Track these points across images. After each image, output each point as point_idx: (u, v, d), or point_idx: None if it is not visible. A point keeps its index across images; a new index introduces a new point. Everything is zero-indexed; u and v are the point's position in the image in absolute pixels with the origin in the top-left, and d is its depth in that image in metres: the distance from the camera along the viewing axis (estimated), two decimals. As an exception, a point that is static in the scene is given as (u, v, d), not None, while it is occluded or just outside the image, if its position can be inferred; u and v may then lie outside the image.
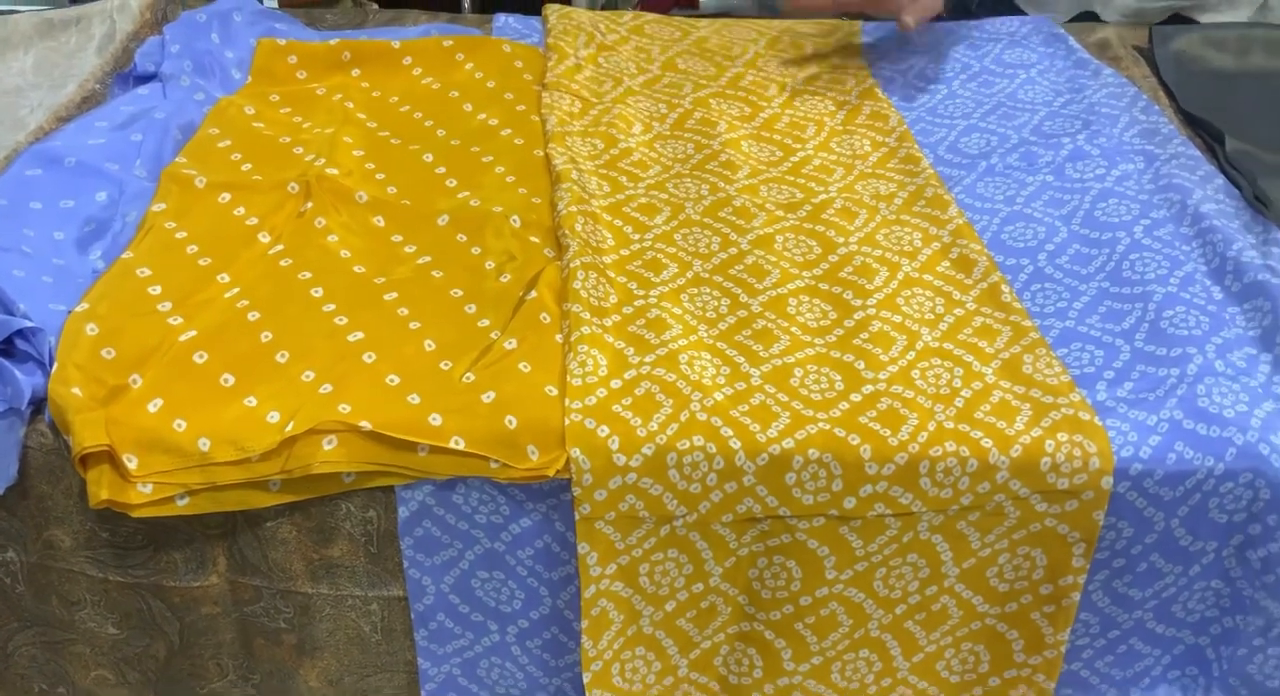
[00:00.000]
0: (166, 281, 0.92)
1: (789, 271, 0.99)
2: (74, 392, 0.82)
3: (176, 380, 0.85)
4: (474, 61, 1.26)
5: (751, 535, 0.87)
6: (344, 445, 0.83)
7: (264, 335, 0.89)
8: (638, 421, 0.84)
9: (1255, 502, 0.84)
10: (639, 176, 1.10)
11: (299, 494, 0.84)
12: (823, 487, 0.84)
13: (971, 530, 0.86)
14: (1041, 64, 1.29)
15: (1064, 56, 1.29)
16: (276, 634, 0.92)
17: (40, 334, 0.85)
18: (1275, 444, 0.83)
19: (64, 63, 1.24)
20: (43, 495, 0.86)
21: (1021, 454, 0.83)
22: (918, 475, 0.83)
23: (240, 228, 1.00)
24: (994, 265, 0.99)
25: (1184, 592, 0.89)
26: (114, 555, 0.88)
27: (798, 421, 0.84)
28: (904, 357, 0.90)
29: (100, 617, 0.92)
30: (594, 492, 0.83)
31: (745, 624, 0.92)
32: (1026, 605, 0.89)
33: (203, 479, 0.82)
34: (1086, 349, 0.91)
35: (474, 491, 0.85)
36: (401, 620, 0.92)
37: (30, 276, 0.90)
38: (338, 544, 0.88)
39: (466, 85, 1.23)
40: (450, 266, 0.98)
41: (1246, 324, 0.92)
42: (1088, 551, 0.86)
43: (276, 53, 1.22)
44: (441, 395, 0.85)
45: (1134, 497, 0.84)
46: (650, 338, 0.90)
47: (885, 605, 0.89)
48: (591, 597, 0.87)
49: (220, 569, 0.89)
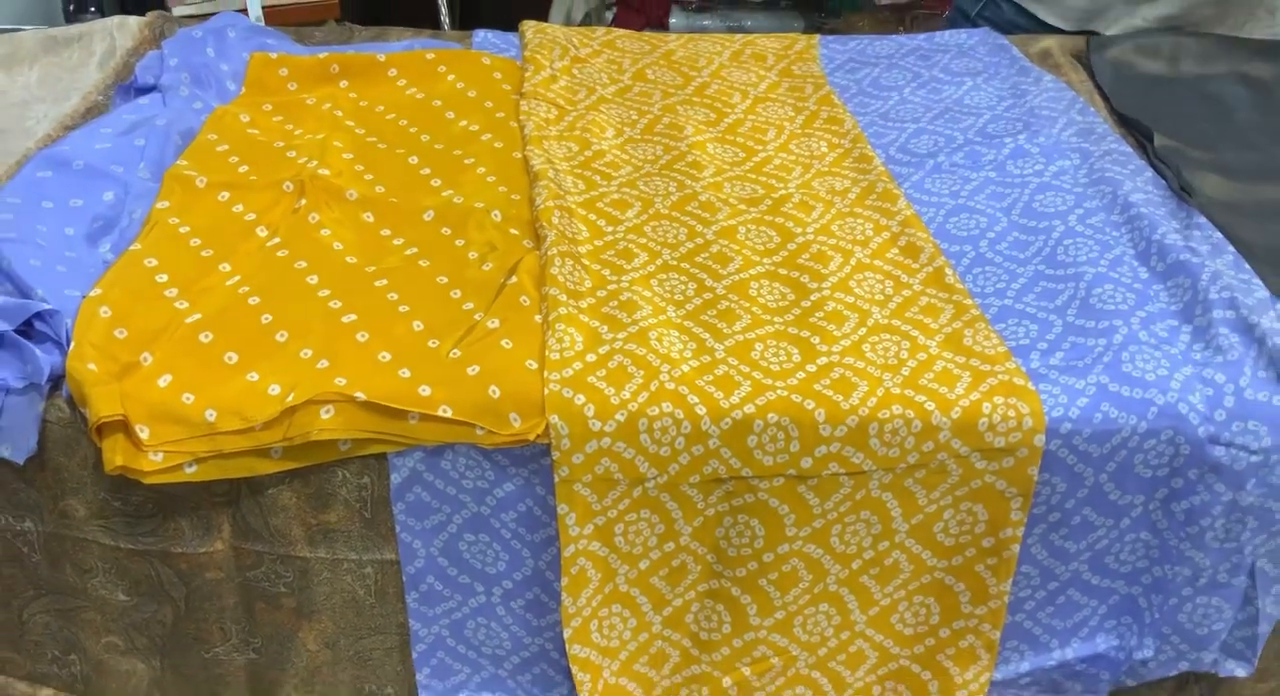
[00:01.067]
0: (172, 270, 0.99)
1: (750, 258, 1.07)
2: (90, 368, 0.89)
3: (184, 358, 0.92)
4: (455, 73, 1.34)
5: (717, 495, 0.94)
6: (340, 414, 0.90)
7: (264, 317, 0.96)
8: (611, 391, 0.91)
9: (1176, 458, 0.92)
10: (611, 176, 1.18)
11: (298, 461, 0.91)
12: (781, 449, 0.91)
13: (918, 487, 0.93)
14: (987, 72, 1.38)
15: (1008, 65, 1.38)
16: (276, 598, 0.99)
17: (58, 316, 0.91)
18: (1193, 404, 0.91)
19: (67, 77, 1.32)
20: (59, 466, 0.92)
21: (961, 415, 0.91)
22: (867, 436, 0.91)
23: (239, 222, 1.07)
24: (939, 251, 1.07)
25: (1116, 544, 0.97)
26: (125, 523, 0.95)
27: (758, 389, 0.92)
28: (856, 333, 0.98)
29: (111, 584, 0.98)
30: (572, 456, 0.91)
31: (714, 581, 0.99)
32: (971, 558, 0.97)
33: (210, 447, 0.89)
34: (1022, 323, 0.99)
35: (461, 457, 0.92)
36: (394, 583, 0.99)
37: (46, 266, 0.96)
38: (334, 509, 0.94)
39: (449, 95, 1.31)
40: (436, 256, 1.05)
41: (1169, 299, 1.01)
42: (1024, 506, 0.94)
43: (269, 65, 1.30)
44: (430, 369, 0.92)
45: (1065, 454, 0.92)
46: (623, 317, 0.98)
47: (842, 560, 0.97)
48: (571, 556, 0.94)
49: (225, 535, 0.95)
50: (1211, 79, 1.33)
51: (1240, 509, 0.94)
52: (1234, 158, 1.19)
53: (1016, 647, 1.02)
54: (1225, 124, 1.26)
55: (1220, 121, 1.26)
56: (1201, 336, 0.97)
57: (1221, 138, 1.23)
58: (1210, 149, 1.20)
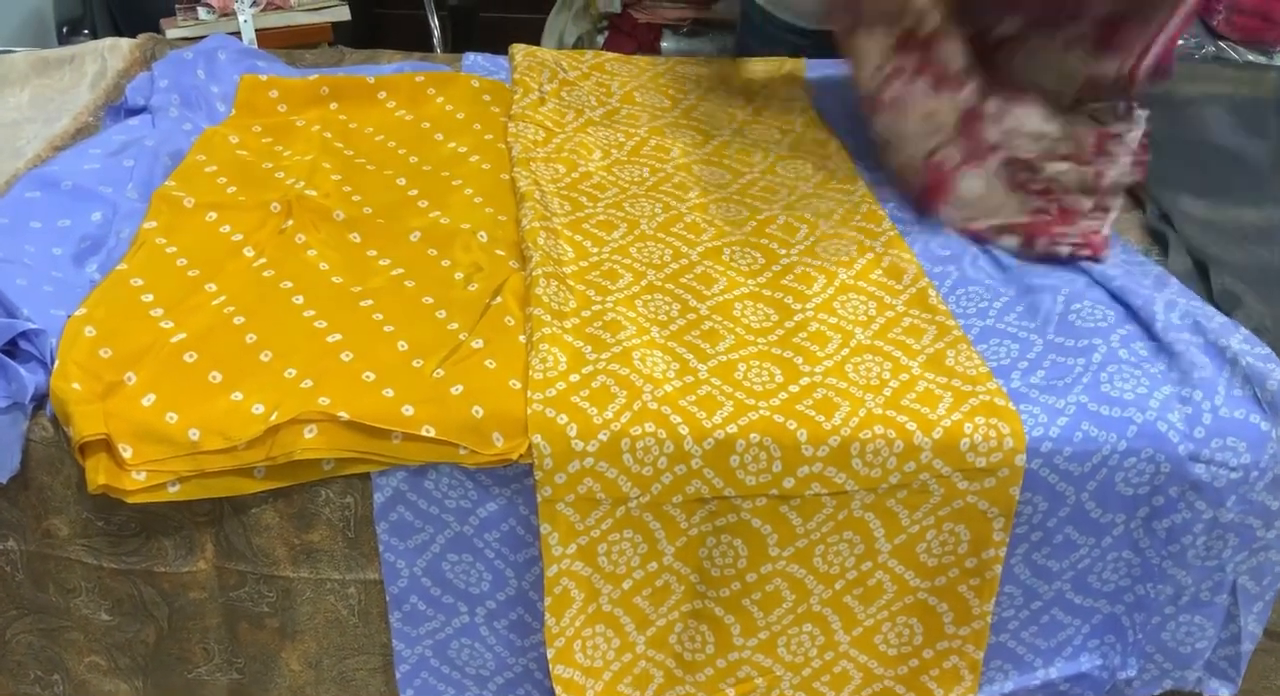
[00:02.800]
0: (158, 290, 1.00)
1: (735, 280, 1.07)
2: (74, 387, 0.89)
3: (168, 377, 0.92)
4: (445, 95, 1.35)
5: (700, 515, 0.94)
6: (324, 434, 0.90)
7: (249, 337, 0.96)
8: (594, 410, 0.91)
9: (1157, 476, 0.93)
10: (598, 197, 1.19)
11: (282, 480, 0.91)
12: (764, 468, 0.92)
13: (900, 507, 0.94)
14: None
15: None
16: (260, 618, 0.99)
17: (42, 335, 0.92)
18: (1172, 422, 0.92)
19: (58, 98, 1.32)
20: (43, 485, 0.92)
21: (943, 435, 0.91)
22: (849, 456, 0.91)
23: (226, 243, 1.08)
24: (922, 272, 1.08)
25: (1098, 563, 0.97)
26: (108, 542, 0.95)
27: (741, 409, 0.92)
28: (838, 353, 0.98)
29: (94, 604, 0.98)
30: (554, 476, 0.91)
31: (697, 601, 0.99)
32: (954, 578, 0.97)
33: (193, 466, 0.89)
34: (1004, 343, 1.00)
35: (444, 477, 0.92)
36: (377, 603, 0.99)
37: (32, 285, 0.97)
38: (318, 529, 0.94)
39: (437, 117, 1.32)
40: (421, 277, 1.06)
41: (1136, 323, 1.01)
42: (1006, 526, 0.94)
43: (258, 87, 1.31)
44: (413, 388, 0.92)
45: (1046, 473, 0.92)
46: (606, 337, 0.98)
47: (825, 580, 0.97)
48: (554, 576, 0.94)
49: (208, 555, 0.96)
50: (1194, 101, 1.34)
51: (1221, 526, 0.94)
52: (1214, 180, 1.20)
53: (1000, 667, 1.02)
54: (1207, 146, 1.27)
55: (1203, 143, 1.27)
56: (1175, 360, 0.97)
57: (1203, 159, 1.24)
58: (1191, 171, 1.21)
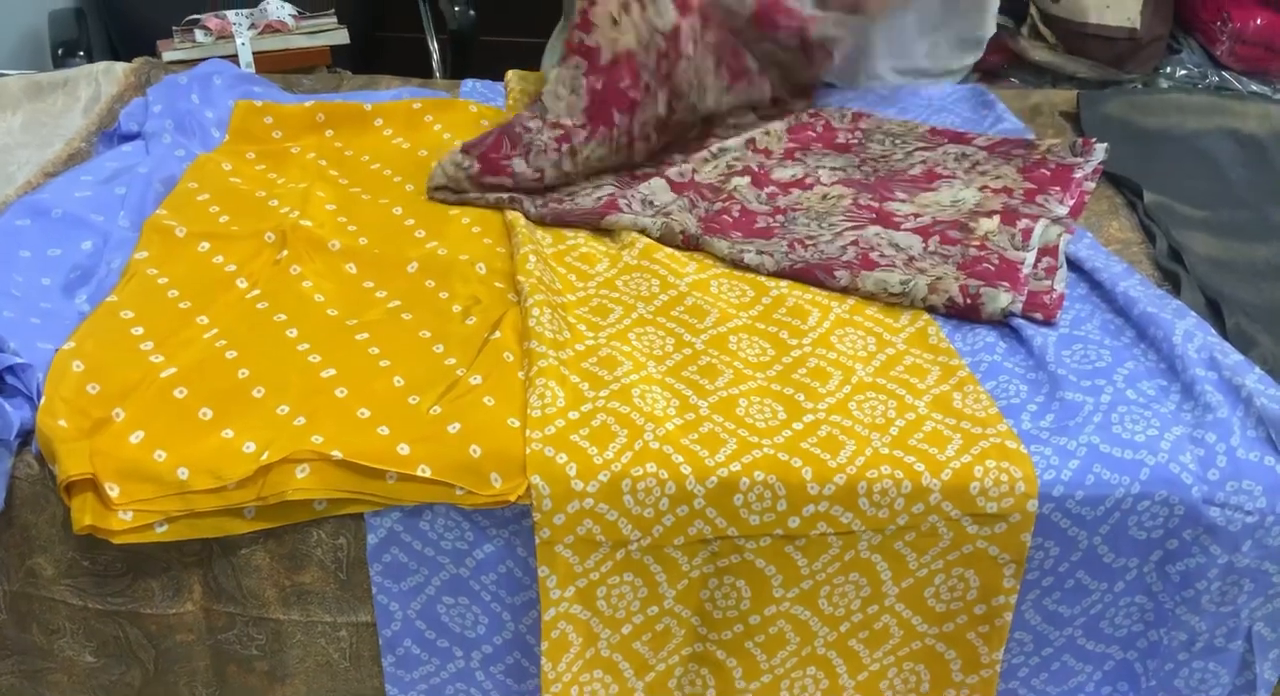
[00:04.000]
0: (149, 323, 0.98)
1: (727, 312, 1.05)
2: (60, 424, 0.87)
3: (157, 413, 0.90)
4: (442, 122, 1.33)
5: (702, 556, 0.92)
6: (316, 473, 0.87)
7: (241, 372, 0.94)
8: (594, 450, 0.89)
9: (1171, 519, 0.90)
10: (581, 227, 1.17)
11: (273, 521, 0.89)
12: (768, 508, 0.89)
13: (908, 550, 0.91)
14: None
15: (990, 122, 1.38)
16: (248, 661, 0.96)
17: (29, 370, 0.89)
18: (1185, 463, 0.90)
19: (51, 122, 1.31)
20: (27, 524, 0.90)
21: (952, 478, 0.89)
22: (856, 496, 0.89)
23: (219, 274, 1.05)
24: (921, 311, 1.06)
25: (1110, 608, 0.95)
26: (94, 583, 0.92)
27: (744, 447, 0.90)
28: (841, 391, 0.96)
29: (79, 646, 0.95)
30: (553, 517, 0.88)
31: (698, 645, 0.96)
32: (962, 625, 0.94)
33: (181, 506, 0.87)
34: (1012, 382, 0.98)
35: (440, 518, 0.90)
36: (370, 647, 0.96)
37: (19, 317, 0.95)
38: (309, 570, 0.92)
39: (434, 145, 1.30)
40: (419, 309, 1.04)
41: (1147, 356, 0.99)
42: (1018, 572, 0.91)
43: (253, 113, 1.29)
44: (409, 426, 0.90)
45: (1058, 518, 0.90)
46: (604, 374, 0.96)
47: (830, 623, 0.94)
48: (551, 619, 0.92)
49: (196, 596, 0.93)
50: (1203, 135, 1.32)
51: (1236, 571, 0.92)
52: (1225, 216, 1.18)
53: (1010, 714, 1.00)
54: (1216, 181, 1.25)
55: (1211, 179, 1.25)
56: (1189, 395, 0.95)
57: (1212, 195, 1.22)
58: (1201, 206, 1.19)
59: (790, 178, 1.25)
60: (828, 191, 1.22)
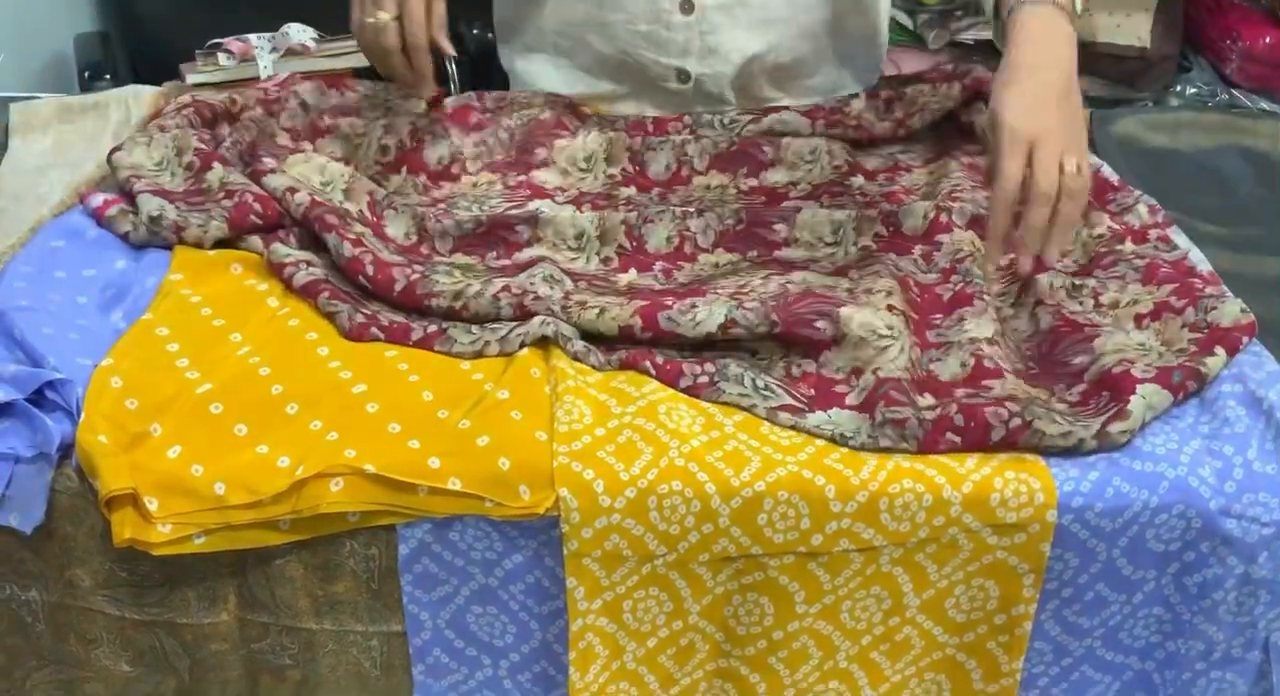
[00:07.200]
0: (184, 340, 1.00)
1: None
2: (100, 440, 0.89)
3: (194, 429, 0.92)
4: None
5: (727, 573, 0.94)
6: (349, 487, 0.90)
7: (274, 388, 0.96)
8: (620, 466, 0.91)
9: (1188, 532, 0.92)
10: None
11: (307, 533, 0.91)
12: (792, 526, 0.91)
13: (929, 562, 0.93)
14: None
15: None
16: (281, 670, 0.98)
17: (69, 385, 0.92)
18: (1203, 477, 0.91)
19: (82, 145, 1.33)
20: (66, 536, 0.92)
21: (972, 490, 0.90)
22: (878, 511, 0.91)
23: (251, 294, 1.08)
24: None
25: (1129, 619, 0.96)
26: (131, 593, 0.94)
27: (768, 464, 0.92)
28: (861, 405, 0.98)
29: (115, 655, 0.97)
30: (581, 530, 0.90)
31: (722, 660, 0.98)
32: (983, 635, 0.96)
33: (218, 520, 0.89)
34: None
35: (470, 528, 0.92)
36: (400, 656, 0.98)
37: (58, 334, 0.97)
38: (342, 580, 0.94)
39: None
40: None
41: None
42: (1037, 582, 0.93)
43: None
44: (439, 440, 0.92)
45: (1077, 529, 0.91)
46: (631, 391, 0.98)
47: (852, 636, 0.96)
48: (579, 631, 0.93)
49: (230, 606, 0.95)
50: (1214, 152, 1.34)
51: (1253, 582, 0.93)
52: (1239, 232, 1.20)
53: (1029, 725, 1.01)
54: (1227, 198, 1.27)
55: (1222, 195, 1.27)
56: (1207, 407, 0.97)
57: (1224, 211, 1.24)
58: (1215, 223, 1.21)
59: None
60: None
